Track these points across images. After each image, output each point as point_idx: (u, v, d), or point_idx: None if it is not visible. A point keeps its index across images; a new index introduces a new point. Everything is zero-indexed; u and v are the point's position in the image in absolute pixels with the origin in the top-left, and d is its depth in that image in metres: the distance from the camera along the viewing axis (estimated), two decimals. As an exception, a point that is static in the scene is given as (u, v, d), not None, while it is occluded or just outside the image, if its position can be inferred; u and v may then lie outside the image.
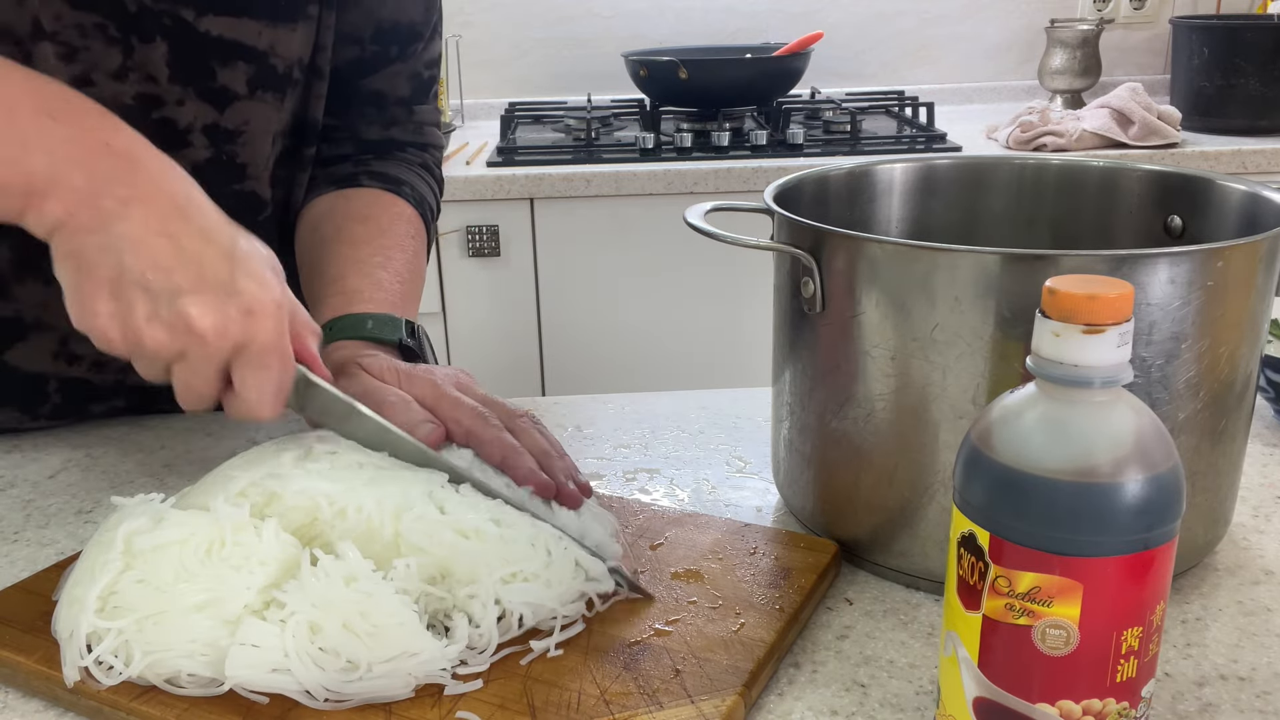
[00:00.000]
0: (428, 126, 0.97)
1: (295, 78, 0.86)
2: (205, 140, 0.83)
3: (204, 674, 0.53)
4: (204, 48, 0.79)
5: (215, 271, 0.58)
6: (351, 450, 0.63)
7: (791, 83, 2.18)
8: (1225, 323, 0.57)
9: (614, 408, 0.91)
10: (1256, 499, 0.73)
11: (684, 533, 0.67)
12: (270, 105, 0.85)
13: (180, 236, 0.58)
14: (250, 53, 0.81)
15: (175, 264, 0.57)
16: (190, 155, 0.82)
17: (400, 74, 0.92)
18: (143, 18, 0.76)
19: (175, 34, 0.78)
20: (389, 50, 0.90)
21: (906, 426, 0.60)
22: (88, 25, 0.75)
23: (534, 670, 0.55)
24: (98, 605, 0.55)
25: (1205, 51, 2.08)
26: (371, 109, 0.93)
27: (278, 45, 0.82)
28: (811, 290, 0.61)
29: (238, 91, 0.82)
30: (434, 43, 0.94)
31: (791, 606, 0.59)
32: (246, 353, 0.59)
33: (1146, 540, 0.41)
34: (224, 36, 0.79)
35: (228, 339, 0.58)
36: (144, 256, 0.57)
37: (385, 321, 0.75)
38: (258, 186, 0.87)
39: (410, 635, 0.53)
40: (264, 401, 0.60)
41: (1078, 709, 0.43)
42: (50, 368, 0.80)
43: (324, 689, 0.52)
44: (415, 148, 0.97)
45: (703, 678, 0.53)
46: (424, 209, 0.92)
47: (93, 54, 0.76)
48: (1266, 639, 0.59)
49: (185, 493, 0.62)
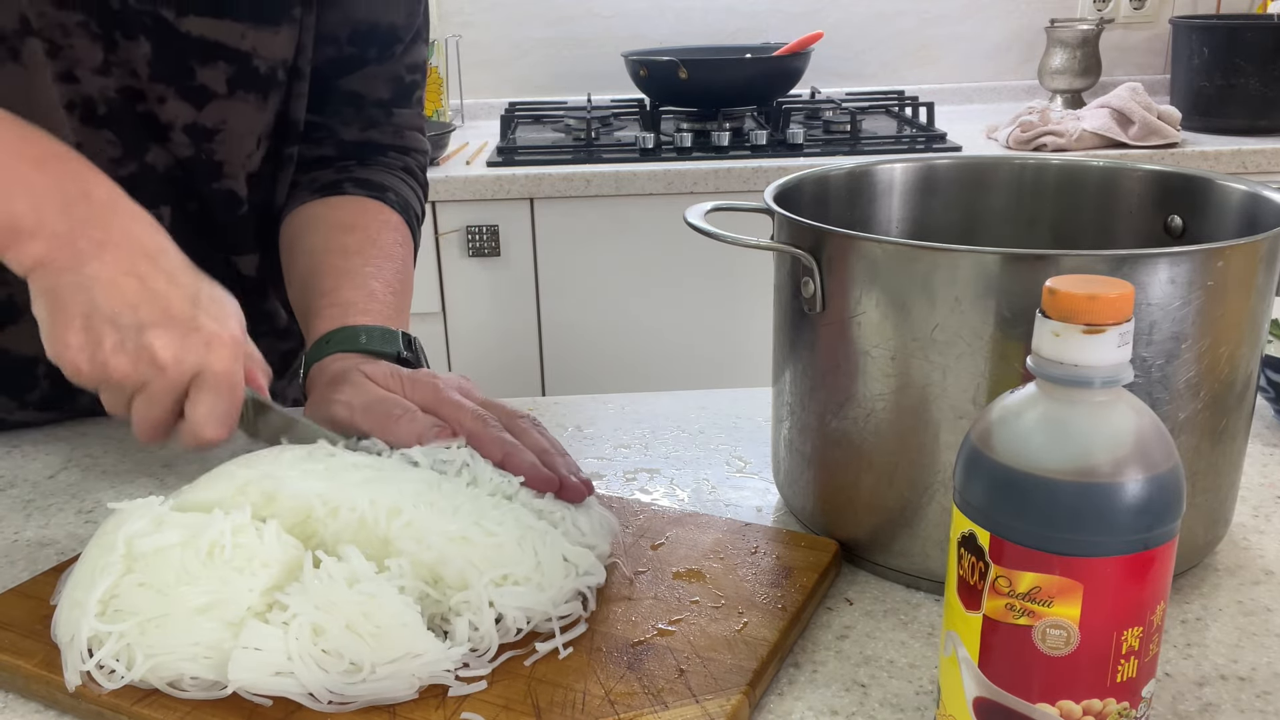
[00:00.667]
0: (409, 130, 0.97)
1: (279, 79, 0.86)
2: (186, 138, 0.84)
3: (207, 677, 0.53)
4: (185, 47, 0.80)
5: (179, 309, 0.64)
6: (346, 452, 0.63)
7: (791, 83, 2.18)
8: (1225, 323, 0.57)
9: (614, 408, 0.91)
10: (1256, 499, 0.73)
11: (685, 533, 0.67)
12: (251, 105, 0.85)
13: (148, 277, 0.63)
14: (231, 53, 0.82)
15: (141, 301, 0.63)
16: (172, 150, 0.84)
17: (378, 76, 0.92)
18: (125, 16, 0.77)
19: (157, 33, 0.79)
20: (366, 52, 0.90)
21: (907, 426, 0.60)
22: (70, 23, 0.76)
23: (538, 671, 0.55)
24: (99, 609, 0.55)
25: (1205, 51, 2.09)
26: (350, 109, 0.93)
27: (260, 47, 0.83)
28: (811, 290, 0.62)
29: (217, 91, 0.82)
30: (416, 46, 0.94)
31: (794, 605, 0.59)
32: (200, 379, 0.64)
33: (1147, 540, 0.41)
34: (205, 37, 0.80)
35: (185, 368, 0.63)
36: (114, 294, 0.62)
37: (381, 335, 0.75)
38: (235, 185, 0.88)
39: (414, 636, 0.53)
40: (210, 423, 0.65)
41: (1078, 709, 0.43)
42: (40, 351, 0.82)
43: (327, 691, 0.52)
44: (397, 151, 0.96)
45: (707, 677, 0.53)
46: (409, 215, 0.92)
47: (76, 51, 0.77)
48: (1266, 639, 0.59)
49: (182, 491, 0.62)
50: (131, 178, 0.83)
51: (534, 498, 0.62)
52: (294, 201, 0.92)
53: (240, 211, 0.90)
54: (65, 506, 0.77)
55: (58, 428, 0.89)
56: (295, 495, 0.58)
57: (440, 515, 0.58)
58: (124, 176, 0.83)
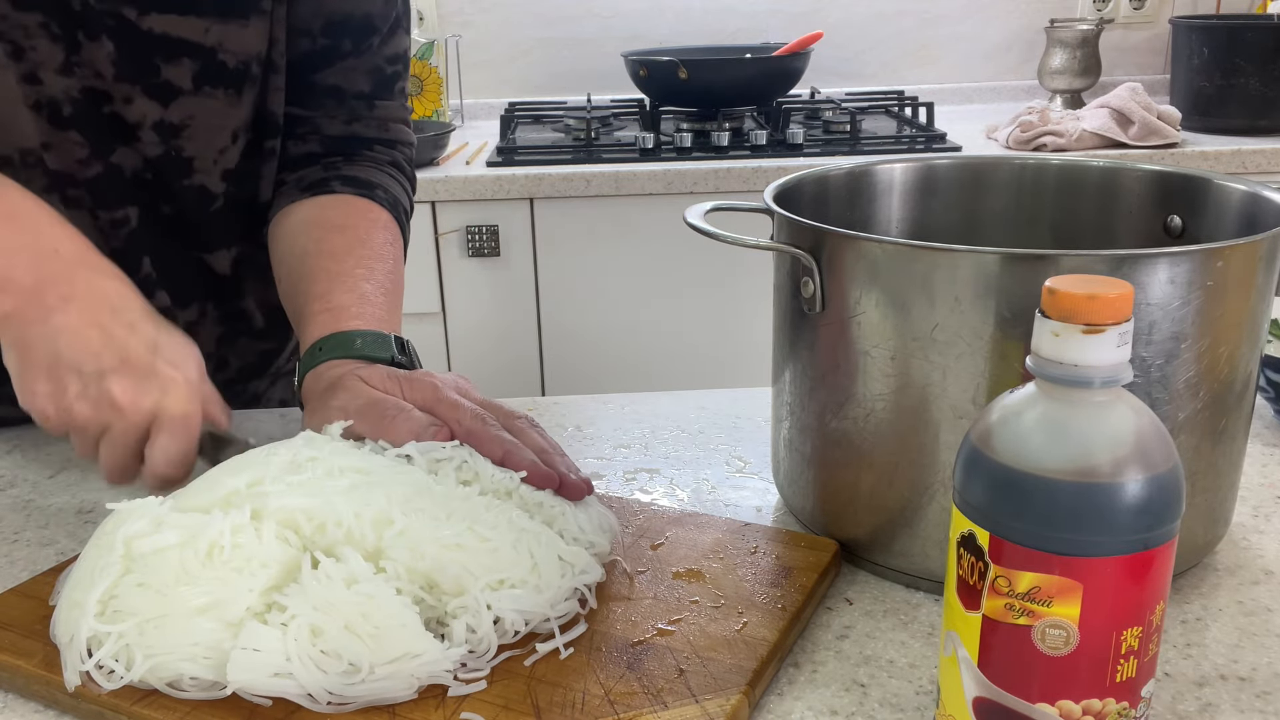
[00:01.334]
0: (394, 123, 0.96)
1: (253, 73, 0.85)
2: (155, 135, 0.84)
3: (206, 677, 0.53)
4: (148, 45, 0.80)
5: (138, 357, 0.66)
6: (334, 455, 0.63)
7: (791, 83, 2.18)
8: (1225, 323, 0.57)
9: (614, 408, 0.91)
10: (1256, 499, 0.73)
11: (684, 532, 0.67)
12: (220, 101, 0.85)
13: (109, 327, 0.66)
14: (195, 49, 0.81)
15: (103, 349, 0.66)
16: (141, 150, 0.84)
17: (356, 69, 0.91)
18: (87, 16, 0.77)
19: (119, 32, 0.79)
20: (341, 44, 0.89)
21: (906, 426, 0.60)
22: (31, 25, 0.77)
23: (538, 671, 0.54)
24: (98, 609, 0.54)
25: (1205, 51, 2.08)
26: (331, 102, 0.92)
27: (226, 41, 0.82)
28: (811, 290, 0.62)
29: (182, 87, 0.82)
30: (396, 37, 0.92)
31: (794, 605, 0.59)
32: (158, 422, 0.66)
33: (1146, 540, 0.41)
34: (168, 34, 0.80)
35: (143, 410, 0.66)
36: (77, 344, 0.65)
37: (375, 340, 0.75)
38: (207, 180, 0.88)
39: (412, 636, 0.53)
40: (169, 465, 0.67)
41: (1077, 709, 0.43)
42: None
43: (326, 692, 0.52)
44: (383, 145, 0.95)
45: (707, 677, 0.53)
46: (398, 212, 0.92)
47: (39, 52, 0.78)
48: (1266, 639, 0.59)
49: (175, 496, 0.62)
50: (98, 179, 0.83)
51: (533, 493, 0.62)
52: (281, 200, 0.91)
53: (213, 207, 0.89)
54: (65, 506, 0.77)
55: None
56: (281, 510, 0.58)
57: (433, 522, 0.58)
58: (91, 178, 0.83)
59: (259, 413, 0.94)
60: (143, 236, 0.87)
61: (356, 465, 0.62)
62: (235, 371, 1.00)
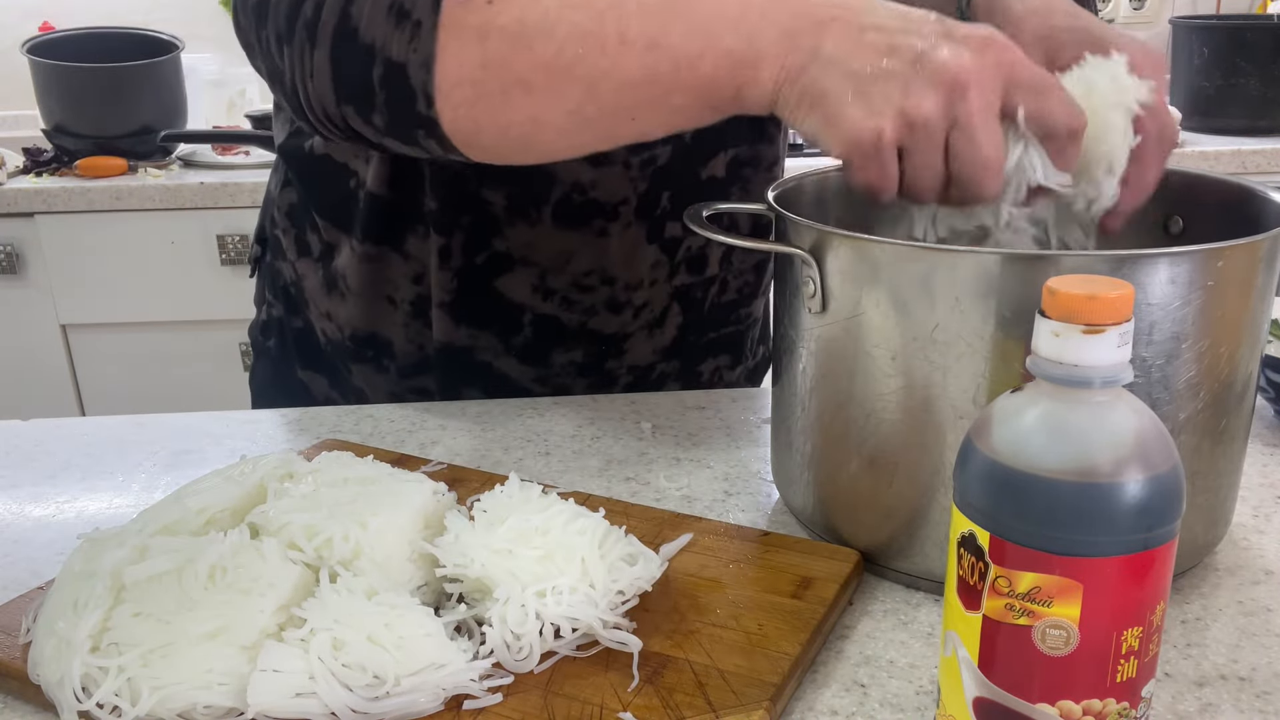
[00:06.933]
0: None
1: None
2: None
3: (222, 704, 0.50)
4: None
5: (931, 29, 0.58)
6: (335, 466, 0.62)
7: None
8: (1225, 323, 0.57)
9: (613, 407, 0.91)
10: (1256, 499, 0.73)
11: (699, 539, 0.66)
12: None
13: (881, 26, 0.58)
14: None
15: (898, 27, 0.58)
16: None
17: None
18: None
19: None
20: None
21: (907, 427, 0.60)
22: None
23: (554, 684, 0.53)
24: (90, 644, 0.51)
25: (1205, 51, 2.09)
26: None
27: None
28: (812, 290, 0.62)
29: None
30: None
31: (815, 617, 0.58)
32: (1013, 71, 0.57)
33: (1146, 540, 0.41)
34: None
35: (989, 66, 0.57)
36: (861, 54, 0.58)
37: None
38: None
39: (438, 646, 0.52)
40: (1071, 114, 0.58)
41: (1078, 709, 0.43)
42: (529, 299, 0.91)
43: (350, 710, 0.50)
44: None
45: (727, 691, 0.52)
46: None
47: None
48: (1266, 639, 0.59)
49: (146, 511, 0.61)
50: None
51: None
52: None
53: None
54: (65, 507, 0.77)
55: (56, 427, 0.90)
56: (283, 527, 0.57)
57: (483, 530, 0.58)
58: None
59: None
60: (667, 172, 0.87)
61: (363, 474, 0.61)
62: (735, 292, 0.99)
